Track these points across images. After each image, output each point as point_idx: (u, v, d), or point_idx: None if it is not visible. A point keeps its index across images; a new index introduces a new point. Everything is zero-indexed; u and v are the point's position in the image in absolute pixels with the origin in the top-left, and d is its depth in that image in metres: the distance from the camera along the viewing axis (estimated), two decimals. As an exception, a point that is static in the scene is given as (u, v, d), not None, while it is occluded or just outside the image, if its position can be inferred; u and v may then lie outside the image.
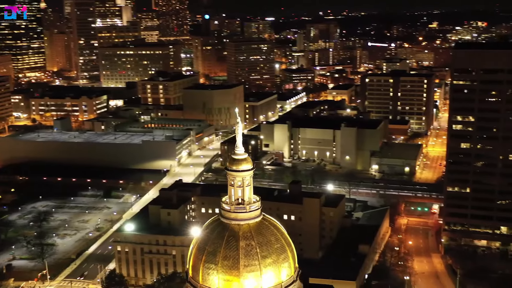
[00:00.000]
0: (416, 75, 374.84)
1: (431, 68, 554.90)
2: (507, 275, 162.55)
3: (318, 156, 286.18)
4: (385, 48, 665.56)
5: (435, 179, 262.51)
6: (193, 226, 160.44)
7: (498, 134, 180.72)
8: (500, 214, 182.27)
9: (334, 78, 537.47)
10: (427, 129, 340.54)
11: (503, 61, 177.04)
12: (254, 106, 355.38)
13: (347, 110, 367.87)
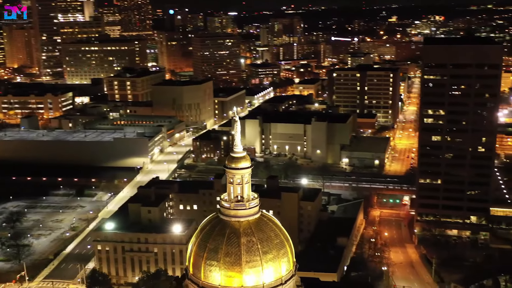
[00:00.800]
0: (382, 69, 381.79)
1: (394, 62, 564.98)
2: (479, 263, 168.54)
3: (289, 151, 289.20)
4: (348, 42, 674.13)
5: (404, 171, 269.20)
6: (174, 223, 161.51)
7: (467, 127, 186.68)
8: (470, 204, 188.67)
9: (299, 73, 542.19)
10: (394, 122, 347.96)
11: (471, 55, 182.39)
12: (223, 101, 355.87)
13: (315, 105, 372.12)
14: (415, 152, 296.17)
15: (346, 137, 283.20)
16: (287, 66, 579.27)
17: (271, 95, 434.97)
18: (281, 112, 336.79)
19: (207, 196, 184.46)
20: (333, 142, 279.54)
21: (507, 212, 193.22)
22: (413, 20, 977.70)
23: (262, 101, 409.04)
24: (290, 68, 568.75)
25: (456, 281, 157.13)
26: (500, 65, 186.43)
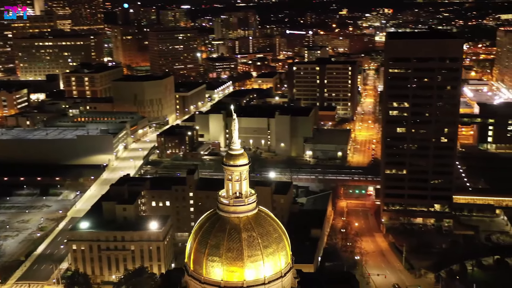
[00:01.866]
0: (341, 62, 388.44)
1: (348, 55, 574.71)
2: (446, 249, 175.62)
3: (253, 145, 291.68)
4: (303, 35, 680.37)
5: (366, 162, 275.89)
6: (150, 220, 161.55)
7: (430, 119, 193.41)
8: (434, 193, 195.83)
9: (256, 66, 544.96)
10: (353, 114, 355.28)
11: (433, 49, 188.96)
12: (184, 96, 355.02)
13: (276, 98, 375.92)
14: (376, 143, 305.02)
15: (309, 130, 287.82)
16: (244, 60, 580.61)
17: (230, 89, 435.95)
18: (244, 106, 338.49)
19: (180, 192, 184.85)
20: (296, 135, 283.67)
21: (469, 200, 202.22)
22: (363, 13, 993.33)
23: (222, 95, 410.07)
24: (247, 62, 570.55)
25: (426, 267, 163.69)
26: (460, 58, 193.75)
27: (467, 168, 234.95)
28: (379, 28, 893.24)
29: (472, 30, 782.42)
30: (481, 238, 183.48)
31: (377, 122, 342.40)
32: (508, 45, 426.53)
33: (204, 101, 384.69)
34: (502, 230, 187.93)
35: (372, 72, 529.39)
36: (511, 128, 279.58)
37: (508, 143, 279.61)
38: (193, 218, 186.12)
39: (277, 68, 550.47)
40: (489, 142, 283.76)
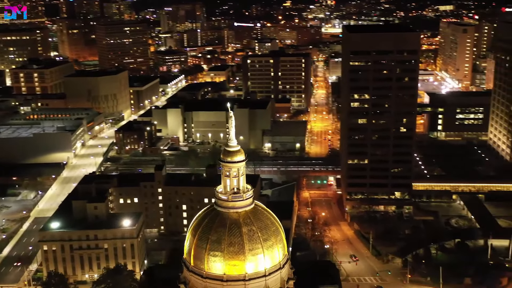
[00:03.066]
0: (294, 54, 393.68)
1: (297, 47, 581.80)
2: (409, 234, 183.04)
3: (212, 138, 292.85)
4: (251, 28, 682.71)
5: (324, 153, 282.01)
6: (122, 217, 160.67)
7: (390, 109, 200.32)
8: (394, 181, 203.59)
9: (206, 59, 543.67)
10: (307, 106, 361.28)
11: (392, 42, 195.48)
12: (139, 91, 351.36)
13: (231, 91, 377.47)
14: (331, 134, 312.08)
15: (267, 122, 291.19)
16: (193, 53, 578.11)
17: (183, 83, 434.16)
18: (201, 100, 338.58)
19: (148, 188, 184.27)
20: (255, 127, 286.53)
21: (427, 186, 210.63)
22: (307, 4, 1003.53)
23: (176, 89, 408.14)
24: (197, 55, 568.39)
25: (392, 253, 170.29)
26: (418, 51, 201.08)
27: (423, 156, 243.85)
28: (324, 19, 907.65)
29: (414, 21, 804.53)
30: (441, 222, 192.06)
31: (331, 113, 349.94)
32: (451, 36, 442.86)
33: (158, 95, 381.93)
34: (460, 215, 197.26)
35: (321, 63, 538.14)
36: (459, 116, 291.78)
37: (456, 130, 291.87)
38: (162, 214, 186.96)
39: (227, 61, 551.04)
40: (439, 130, 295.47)
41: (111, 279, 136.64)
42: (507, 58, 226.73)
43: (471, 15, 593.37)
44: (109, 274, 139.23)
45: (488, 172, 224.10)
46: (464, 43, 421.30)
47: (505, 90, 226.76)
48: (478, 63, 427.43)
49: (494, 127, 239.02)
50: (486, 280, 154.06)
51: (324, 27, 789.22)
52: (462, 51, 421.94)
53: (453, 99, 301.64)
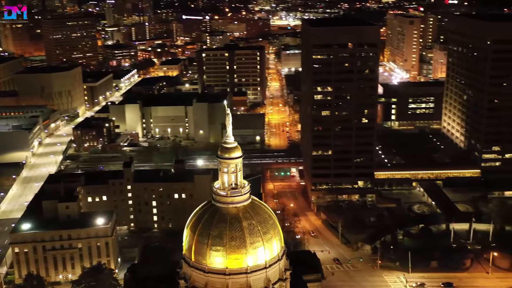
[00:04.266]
0: (249, 47, 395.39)
1: (247, 39, 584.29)
2: (375, 222, 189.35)
3: (171, 133, 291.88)
4: (200, 20, 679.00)
5: (283, 145, 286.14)
6: (94, 216, 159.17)
7: (352, 101, 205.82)
8: (357, 171, 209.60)
9: (156, 53, 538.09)
10: (263, 99, 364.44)
11: (353, 36, 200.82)
12: (92, 87, 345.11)
13: (186, 85, 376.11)
14: (289, 126, 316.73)
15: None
16: (143, 47, 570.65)
17: (135, 77, 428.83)
18: (158, 95, 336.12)
19: (117, 186, 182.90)
20: (214, 121, 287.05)
21: (388, 175, 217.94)
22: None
23: (129, 84, 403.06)
24: (146, 49, 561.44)
25: (361, 240, 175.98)
26: (377, 44, 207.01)
27: (382, 146, 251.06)
28: (271, 12, 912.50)
29: (358, 13, 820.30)
30: (403, 209, 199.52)
31: (287, 105, 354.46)
32: (398, 28, 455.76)
33: (112, 91, 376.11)
34: (421, 201, 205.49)
35: (272, 56, 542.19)
36: (411, 106, 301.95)
37: (409, 120, 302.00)
38: (132, 211, 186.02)
39: (178, 54, 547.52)
40: (393, 120, 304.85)
41: (91, 278, 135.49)
42: (459, 49, 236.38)
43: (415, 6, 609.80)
44: (88, 273, 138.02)
45: (444, 159, 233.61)
46: (411, 35, 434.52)
47: (457, 80, 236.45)
48: (424, 54, 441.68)
49: (448, 115, 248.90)
50: (451, 262, 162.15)
51: (271, 19, 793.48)
52: (409, 42, 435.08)
53: (405, 90, 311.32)
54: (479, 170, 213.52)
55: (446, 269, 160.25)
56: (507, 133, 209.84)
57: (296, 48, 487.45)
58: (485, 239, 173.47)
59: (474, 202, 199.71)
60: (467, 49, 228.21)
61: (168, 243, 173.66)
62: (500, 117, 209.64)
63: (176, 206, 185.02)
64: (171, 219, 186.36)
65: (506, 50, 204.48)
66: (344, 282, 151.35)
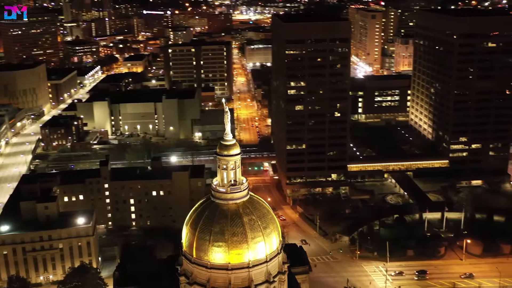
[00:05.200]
0: (216, 43, 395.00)
1: (209, 34, 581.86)
2: (350, 213, 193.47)
3: (141, 130, 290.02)
4: (161, 15, 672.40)
5: (253, 139, 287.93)
6: (74, 216, 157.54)
7: (325, 96, 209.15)
8: (330, 164, 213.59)
9: (119, 49, 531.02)
10: (231, 94, 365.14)
11: (325, 31, 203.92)
12: (57, 84, 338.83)
13: (153, 82, 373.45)
14: (258, 121, 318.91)
15: (196, 111, 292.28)
16: (104, 43, 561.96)
17: (99, 74, 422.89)
18: (126, 91, 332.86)
19: (94, 184, 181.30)
20: (184, 117, 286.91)
21: (361, 167, 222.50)
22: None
23: (93, 81, 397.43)
24: (108, 45, 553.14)
25: (339, 232, 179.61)
26: (349, 39, 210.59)
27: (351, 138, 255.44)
28: (231, 6, 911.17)
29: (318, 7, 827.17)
30: (377, 200, 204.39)
31: (254, 100, 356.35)
32: (360, 22, 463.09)
33: (76, 88, 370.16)
34: (393, 192, 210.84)
35: (236, 51, 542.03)
36: (377, 99, 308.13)
37: (375, 112, 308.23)
38: (110, 210, 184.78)
39: (140, 50, 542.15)
40: (359, 113, 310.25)
41: (76, 278, 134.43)
42: (425, 44, 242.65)
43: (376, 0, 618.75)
44: (73, 274, 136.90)
45: (413, 150, 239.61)
46: (373, 29, 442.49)
47: (424, 73, 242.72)
48: (386, 47, 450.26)
49: (415, 108, 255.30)
50: (427, 250, 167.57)
51: (232, 14, 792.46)
52: (371, 36, 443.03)
53: (371, 83, 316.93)
54: (447, 161, 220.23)
55: (422, 257, 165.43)
56: (473, 124, 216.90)
57: (260, 42, 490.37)
58: (457, 227, 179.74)
59: (444, 191, 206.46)
60: (433, 43, 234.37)
61: (147, 240, 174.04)
62: (466, 109, 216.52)
63: (154, 203, 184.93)
64: (150, 216, 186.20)
65: (472, 44, 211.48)
66: (326, 273, 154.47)
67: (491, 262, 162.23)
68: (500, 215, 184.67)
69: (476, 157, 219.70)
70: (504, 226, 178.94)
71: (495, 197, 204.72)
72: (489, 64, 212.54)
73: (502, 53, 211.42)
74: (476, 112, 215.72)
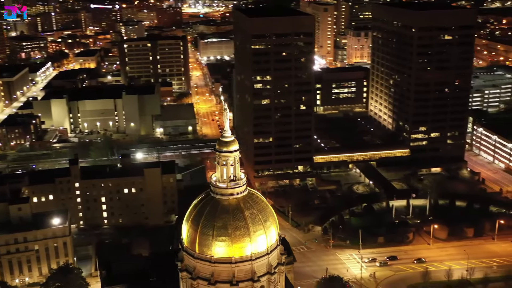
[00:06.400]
0: (172, 37, 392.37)
1: (161, 28, 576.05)
2: (319, 204, 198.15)
3: (101, 127, 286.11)
4: (110, 9, 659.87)
5: (216, 134, 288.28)
6: (49, 216, 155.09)
7: (290, 89, 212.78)
8: (297, 156, 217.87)
9: (68, 44, 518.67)
10: (188, 88, 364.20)
11: (290, 26, 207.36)
12: (9, 82, 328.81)
13: (108, 77, 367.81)
14: (218, 115, 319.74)
15: (157, 107, 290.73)
16: (52, 38, 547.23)
17: (51, 70, 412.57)
18: (83, 88, 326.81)
19: (64, 184, 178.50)
20: (145, 113, 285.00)
21: (326, 158, 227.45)
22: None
23: (45, 77, 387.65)
24: (56, 40, 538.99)
25: (311, 222, 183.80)
26: (313, 33, 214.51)
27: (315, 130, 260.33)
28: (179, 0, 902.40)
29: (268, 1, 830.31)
30: (344, 190, 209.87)
31: (213, 94, 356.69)
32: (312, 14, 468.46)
33: (29, 85, 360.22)
34: (359, 181, 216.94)
35: (189, 44, 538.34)
36: (334, 91, 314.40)
37: (333, 104, 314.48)
38: (81, 209, 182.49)
39: (90, 45, 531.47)
40: (318, 105, 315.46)
41: (59, 280, 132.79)
42: (384, 36, 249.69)
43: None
44: (55, 275, 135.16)
45: (374, 141, 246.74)
46: (325, 21, 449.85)
47: (383, 65, 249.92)
48: (338, 40, 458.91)
49: (375, 99, 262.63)
50: (396, 237, 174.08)
51: (181, 7, 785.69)
52: (324, 29, 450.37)
53: (328, 75, 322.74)
54: (408, 150, 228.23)
55: (392, 243, 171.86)
56: (432, 114, 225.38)
57: (213, 36, 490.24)
58: (422, 213, 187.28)
59: (407, 179, 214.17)
60: (392, 36, 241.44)
61: (122, 238, 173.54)
62: (425, 99, 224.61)
63: (126, 201, 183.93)
64: (121, 214, 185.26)
65: (430, 37, 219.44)
66: (303, 263, 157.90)
67: (457, 246, 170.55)
68: (461, 201, 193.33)
69: (435, 146, 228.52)
70: (465, 211, 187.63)
71: (454, 183, 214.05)
72: (446, 56, 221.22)
73: (457, 45, 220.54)
74: (435, 102, 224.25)
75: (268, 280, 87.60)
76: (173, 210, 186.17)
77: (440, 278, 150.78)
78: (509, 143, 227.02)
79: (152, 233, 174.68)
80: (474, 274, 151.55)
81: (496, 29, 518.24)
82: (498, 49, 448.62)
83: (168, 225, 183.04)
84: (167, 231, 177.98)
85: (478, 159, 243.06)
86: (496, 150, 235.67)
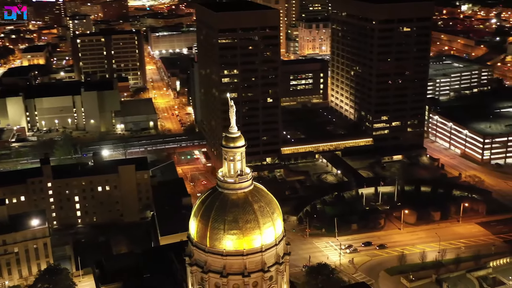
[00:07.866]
0: (127, 32, 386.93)
1: (107, 22, 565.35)
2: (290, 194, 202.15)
3: (59, 125, 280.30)
4: (53, 3, 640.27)
5: (177, 128, 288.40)
6: (27, 218, 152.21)
7: (257, 82, 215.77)
8: (265, 148, 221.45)
9: (12, 40, 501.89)
10: (145, 83, 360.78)
11: (255, 20, 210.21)
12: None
13: (62, 74, 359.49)
14: (178, 109, 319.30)
15: (117, 103, 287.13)
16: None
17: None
18: (40, 85, 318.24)
19: (36, 184, 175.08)
20: (104, 109, 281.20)
21: (293, 150, 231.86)
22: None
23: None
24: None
25: (286, 213, 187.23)
26: (278, 27, 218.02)
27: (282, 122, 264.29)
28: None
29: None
30: (313, 180, 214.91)
31: (170, 88, 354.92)
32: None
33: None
34: (326, 171, 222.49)
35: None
36: (292, 83, 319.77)
37: (291, 96, 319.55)
38: (54, 209, 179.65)
39: (35, 40, 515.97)
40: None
41: (47, 281, 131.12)
42: (344, 28, 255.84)
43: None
44: (43, 276, 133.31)
45: (338, 131, 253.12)
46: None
47: (343, 57, 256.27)
48: (290, 32, 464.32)
49: (335, 91, 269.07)
50: (368, 223, 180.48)
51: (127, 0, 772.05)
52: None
53: (285, 67, 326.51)
54: (371, 139, 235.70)
55: (365, 229, 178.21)
56: (393, 104, 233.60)
57: (164, 30, 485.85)
58: (390, 200, 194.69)
59: (372, 167, 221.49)
60: (352, 29, 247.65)
61: (97, 237, 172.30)
62: (386, 89, 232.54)
63: (100, 199, 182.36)
64: (96, 213, 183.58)
65: (390, 29, 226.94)
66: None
67: (426, 229, 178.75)
68: (426, 186, 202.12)
69: (396, 134, 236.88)
70: (431, 196, 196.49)
71: (416, 169, 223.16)
72: (405, 47, 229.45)
73: (416, 37, 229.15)
74: (395, 92, 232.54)
75: (276, 270, 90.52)
76: (148, 207, 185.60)
77: (414, 261, 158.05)
78: (464, 130, 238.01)
79: (128, 230, 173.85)
80: (446, 256, 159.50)
81: (438, 19, 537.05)
82: (442, 39, 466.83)
83: (144, 222, 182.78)
84: (143, 228, 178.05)
85: (435, 145, 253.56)
86: (452, 136, 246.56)
